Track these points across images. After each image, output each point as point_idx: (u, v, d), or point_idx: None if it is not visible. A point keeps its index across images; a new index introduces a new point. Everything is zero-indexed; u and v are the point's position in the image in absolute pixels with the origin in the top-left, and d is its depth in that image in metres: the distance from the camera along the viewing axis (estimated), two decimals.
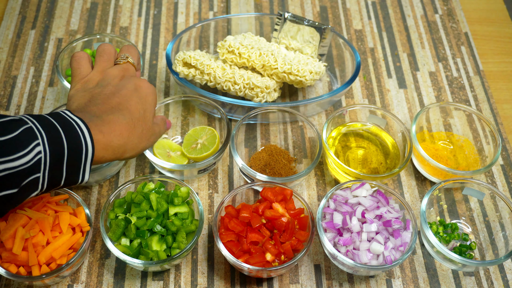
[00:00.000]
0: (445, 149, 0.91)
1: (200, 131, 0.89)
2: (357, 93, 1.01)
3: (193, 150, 0.87)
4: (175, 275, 0.78)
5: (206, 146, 0.87)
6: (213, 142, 0.87)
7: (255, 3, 1.15)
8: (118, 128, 0.61)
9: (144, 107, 0.66)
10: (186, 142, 0.88)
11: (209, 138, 0.87)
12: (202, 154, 0.85)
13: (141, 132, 0.65)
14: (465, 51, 1.08)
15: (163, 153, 0.87)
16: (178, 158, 0.87)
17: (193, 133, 0.89)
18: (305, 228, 0.77)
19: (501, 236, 0.81)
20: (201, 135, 0.88)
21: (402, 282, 0.79)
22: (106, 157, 0.61)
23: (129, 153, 0.64)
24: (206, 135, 0.88)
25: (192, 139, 0.88)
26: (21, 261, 0.70)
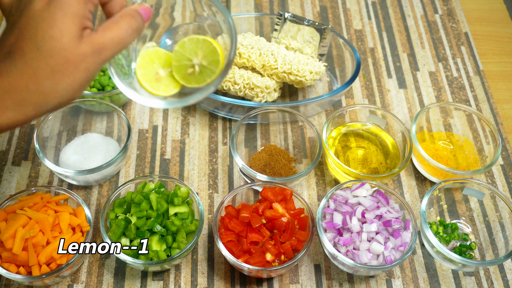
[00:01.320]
0: (445, 149, 0.91)
1: (192, 44, 0.59)
2: (357, 93, 1.01)
3: (191, 76, 0.59)
4: (175, 275, 0.78)
5: (207, 68, 0.59)
6: (215, 59, 0.58)
7: (255, 3, 1.15)
8: (9, 81, 0.46)
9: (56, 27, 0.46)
10: (177, 63, 0.60)
11: (207, 54, 0.59)
12: (206, 81, 0.58)
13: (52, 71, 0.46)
14: (465, 51, 1.08)
15: (149, 74, 0.59)
16: (169, 81, 0.60)
17: (182, 49, 0.59)
18: (305, 228, 0.77)
19: (501, 236, 0.81)
20: (195, 51, 0.59)
21: (402, 282, 0.79)
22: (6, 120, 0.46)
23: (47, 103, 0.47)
24: (202, 50, 0.59)
25: (183, 58, 0.60)
26: (21, 261, 0.70)
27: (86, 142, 0.88)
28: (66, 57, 0.46)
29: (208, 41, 0.58)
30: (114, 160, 0.81)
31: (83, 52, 0.46)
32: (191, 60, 0.59)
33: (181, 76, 0.60)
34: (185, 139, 0.93)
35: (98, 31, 0.48)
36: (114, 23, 0.49)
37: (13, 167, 0.88)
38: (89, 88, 0.91)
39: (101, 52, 0.48)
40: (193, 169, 0.89)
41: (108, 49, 0.48)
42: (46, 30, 0.45)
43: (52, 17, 0.46)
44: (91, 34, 0.47)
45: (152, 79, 0.59)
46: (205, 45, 0.58)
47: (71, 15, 0.46)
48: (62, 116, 0.88)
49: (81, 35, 0.47)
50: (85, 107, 0.90)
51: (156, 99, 0.57)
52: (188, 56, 0.59)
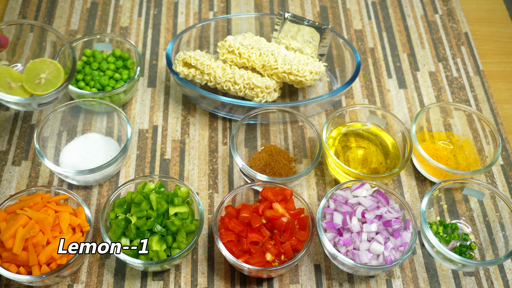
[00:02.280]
0: (445, 149, 0.91)
1: (41, 64, 0.81)
2: (357, 93, 1.01)
3: (38, 86, 0.79)
4: (175, 275, 0.78)
5: (51, 81, 0.79)
6: (57, 76, 0.80)
7: (255, 3, 1.15)
8: None
9: None
10: (27, 77, 0.79)
11: (52, 72, 0.80)
12: (49, 90, 0.78)
13: None
14: (465, 51, 1.08)
15: (3, 83, 0.78)
16: (20, 90, 0.78)
17: (32, 67, 0.80)
18: (305, 228, 0.77)
19: (501, 236, 0.81)
20: (42, 69, 0.80)
21: (402, 282, 0.79)
22: None
23: None
24: (48, 69, 0.80)
25: (33, 73, 0.80)
26: (21, 261, 0.70)
27: (86, 142, 0.88)
28: None
29: (53, 63, 0.81)
30: (114, 160, 0.81)
31: None
32: (39, 75, 0.80)
33: (30, 85, 0.79)
34: (185, 139, 0.93)
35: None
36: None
37: (13, 167, 0.88)
38: (89, 88, 0.91)
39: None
40: (193, 169, 0.89)
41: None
42: None
43: None
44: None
45: (5, 87, 0.78)
46: (52, 65, 0.81)
47: None
48: (62, 116, 0.88)
49: None
50: (85, 107, 0.90)
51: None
52: (37, 72, 0.80)
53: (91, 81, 0.92)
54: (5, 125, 0.93)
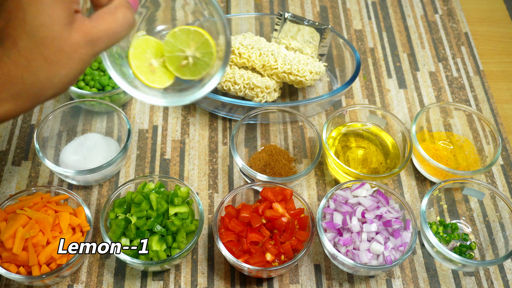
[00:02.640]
0: (445, 149, 0.91)
1: (183, 35, 0.56)
2: (357, 93, 1.01)
3: (185, 68, 0.57)
4: (175, 275, 0.78)
5: (202, 61, 0.57)
6: (208, 51, 0.56)
7: (255, 3, 1.15)
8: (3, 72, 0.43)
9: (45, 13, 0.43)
10: (170, 54, 0.57)
11: (200, 46, 0.56)
12: (201, 73, 0.57)
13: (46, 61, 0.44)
14: (465, 51, 1.08)
15: (143, 67, 0.56)
16: (163, 75, 0.58)
17: (174, 39, 0.57)
18: (305, 228, 0.77)
19: (501, 236, 0.81)
20: (187, 42, 0.56)
21: (402, 282, 0.79)
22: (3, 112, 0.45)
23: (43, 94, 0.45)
24: (194, 42, 0.56)
25: (175, 48, 0.57)
26: (21, 261, 0.70)
27: (86, 142, 0.88)
28: (59, 47, 0.44)
29: (199, 32, 0.55)
30: (114, 160, 0.81)
31: (76, 41, 0.44)
32: (184, 51, 0.56)
33: (175, 67, 0.57)
34: (185, 139, 0.93)
35: (92, 20, 0.45)
36: (110, 14, 0.46)
37: (13, 167, 0.88)
38: (89, 88, 0.91)
39: (95, 43, 0.45)
40: (193, 169, 0.89)
41: (102, 41, 0.46)
42: (36, 17, 0.43)
43: (40, 2, 0.43)
44: (84, 22, 0.45)
45: (146, 70, 0.56)
46: (197, 36, 0.56)
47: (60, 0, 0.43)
48: (62, 116, 0.88)
49: (71, 21, 0.44)
50: (85, 107, 0.90)
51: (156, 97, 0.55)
52: (181, 47, 0.56)
53: (91, 81, 0.92)
54: (5, 125, 0.93)
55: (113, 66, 0.53)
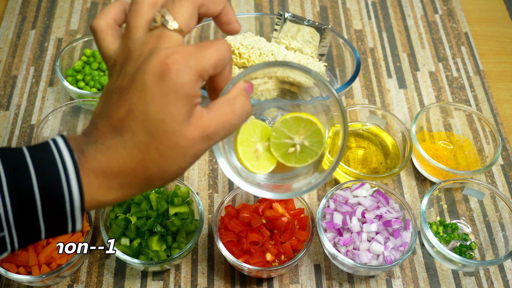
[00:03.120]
0: (445, 149, 0.91)
1: (295, 122, 0.54)
2: (357, 93, 1.01)
3: (291, 155, 0.54)
4: (175, 275, 0.78)
5: (310, 149, 0.54)
6: (318, 140, 0.54)
7: (255, 3, 1.15)
8: (118, 163, 0.43)
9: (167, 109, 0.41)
10: (277, 140, 0.55)
11: (311, 135, 0.54)
12: (307, 161, 0.54)
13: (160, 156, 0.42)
14: (465, 51, 1.08)
15: (249, 153, 0.54)
16: (266, 161, 0.55)
17: (283, 127, 0.54)
18: (305, 228, 0.77)
19: (501, 236, 0.81)
20: (297, 131, 0.54)
21: (402, 282, 0.79)
22: (111, 199, 0.44)
23: (151, 184, 0.45)
24: (304, 130, 0.54)
25: (283, 135, 0.55)
26: (21, 261, 0.70)
27: None
28: (175, 143, 0.42)
29: (312, 121, 0.53)
30: None
31: (192, 137, 0.43)
32: (293, 139, 0.54)
33: (280, 154, 0.55)
34: None
35: (210, 112, 0.44)
36: (229, 104, 0.45)
37: None
38: (89, 88, 0.91)
39: (211, 137, 0.44)
40: (193, 169, 0.89)
41: (219, 135, 0.44)
42: (157, 113, 0.41)
43: (164, 98, 0.41)
44: (202, 115, 0.43)
45: (252, 157, 0.54)
46: (309, 125, 0.53)
47: (184, 96, 0.41)
48: (62, 116, 0.88)
49: (190, 115, 0.43)
50: (85, 107, 0.90)
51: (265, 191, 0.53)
52: (289, 135, 0.54)
53: (91, 81, 0.92)
54: (5, 125, 0.93)
55: (222, 155, 0.52)
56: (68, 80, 0.92)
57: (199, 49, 0.43)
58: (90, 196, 0.42)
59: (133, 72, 0.42)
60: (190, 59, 0.42)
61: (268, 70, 0.52)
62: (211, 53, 0.43)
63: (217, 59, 0.44)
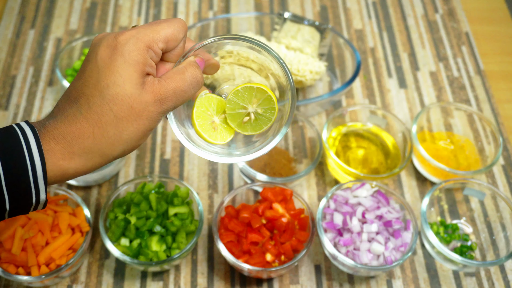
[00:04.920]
0: (446, 149, 0.91)
1: (246, 92, 0.57)
2: (357, 93, 1.01)
3: (247, 124, 0.57)
4: (175, 275, 0.78)
5: (264, 116, 0.57)
6: (270, 107, 0.57)
7: (255, 3, 1.15)
8: (76, 127, 0.46)
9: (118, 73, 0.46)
10: (232, 111, 0.58)
11: (263, 102, 0.57)
12: (262, 128, 0.57)
13: (116, 117, 0.47)
14: (465, 51, 1.08)
15: (206, 125, 0.58)
16: (224, 131, 0.58)
17: (236, 97, 0.57)
18: (305, 228, 0.77)
19: (502, 237, 0.81)
20: (250, 100, 0.57)
21: (403, 282, 0.79)
22: (74, 166, 0.47)
23: (112, 150, 0.48)
24: (256, 98, 0.57)
25: (237, 106, 0.57)
26: (20, 261, 0.70)
27: None
28: (129, 104, 0.46)
29: (262, 89, 0.57)
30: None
31: (145, 100, 0.47)
32: (246, 108, 0.57)
33: (236, 124, 0.58)
34: None
35: (161, 80, 0.48)
36: (179, 73, 0.49)
37: None
38: None
39: (163, 102, 0.48)
40: (192, 169, 0.89)
41: (170, 100, 0.49)
42: (109, 76, 0.46)
43: (114, 64, 0.46)
44: (154, 83, 0.48)
45: (209, 129, 0.58)
46: (260, 93, 0.57)
47: (134, 63, 0.47)
48: None
49: (143, 82, 0.47)
50: None
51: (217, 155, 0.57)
52: (243, 104, 0.57)
53: None
54: (4, 125, 0.92)
55: (178, 126, 0.55)
56: (68, 80, 0.92)
57: (149, 25, 0.49)
58: (52, 162, 0.45)
59: (89, 53, 0.49)
60: (138, 32, 0.48)
61: (218, 43, 0.55)
62: (162, 27, 0.48)
63: (169, 33, 0.49)
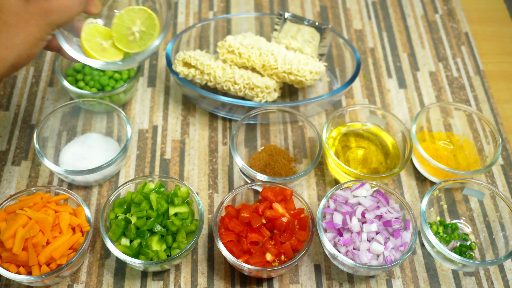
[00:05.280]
0: (445, 149, 0.91)
1: (129, 14, 0.70)
2: (357, 93, 1.01)
3: (133, 43, 0.69)
4: (175, 275, 0.78)
5: (147, 33, 0.69)
6: (152, 25, 0.69)
7: (255, 3, 1.15)
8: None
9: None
10: (118, 33, 0.70)
11: (145, 21, 0.69)
12: (147, 44, 0.68)
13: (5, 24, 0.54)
14: (465, 51, 1.08)
15: (94, 45, 0.67)
16: (113, 50, 0.69)
17: (121, 21, 0.69)
18: (305, 228, 0.77)
19: (501, 236, 0.81)
20: (133, 21, 0.69)
21: (402, 282, 0.79)
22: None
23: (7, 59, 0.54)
24: (139, 19, 0.69)
25: (123, 28, 0.69)
26: (21, 261, 0.70)
27: (86, 142, 0.88)
28: (16, 13, 0.53)
29: (143, 9, 0.69)
30: (114, 160, 0.81)
31: (31, 10, 0.54)
32: (130, 29, 0.69)
33: (124, 44, 0.69)
34: (185, 139, 0.93)
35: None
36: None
37: (13, 167, 0.88)
38: (88, 88, 0.91)
39: (49, 14, 0.55)
40: (193, 169, 0.89)
41: (56, 13, 0.55)
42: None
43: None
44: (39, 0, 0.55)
45: (98, 49, 0.67)
46: (141, 13, 0.69)
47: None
48: (62, 116, 0.88)
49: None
50: (85, 107, 0.90)
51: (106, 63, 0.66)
52: (128, 26, 0.69)
53: (90, 81, 0.92)
54: (5, 125, 0.93)
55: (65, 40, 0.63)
56: (68, 80, 0.92)
57: None
58: None
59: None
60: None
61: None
62: None
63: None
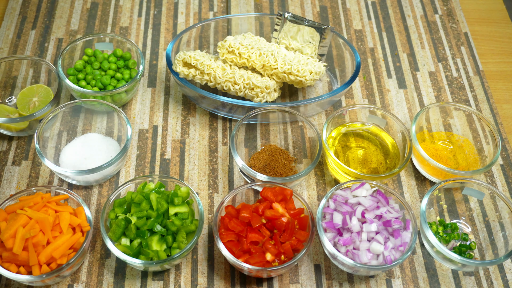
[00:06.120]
0: (445, 149, 0.91)
1: (29, 91, 0.93)
2: (357, 93, 1.01)
3: (33, 109, 0.90)
4: (175, 275, 0.79)
5: (44, 101, 0.91)
6: (47, 95, 0.92)
7: (255, 3, 1.15)
8: None
9: None
10: (21, 105, 0.91)
11: (42, 94, 0.92)
12: (43, 107, 0.88)
13: None
14: (465, 51, 1.08)
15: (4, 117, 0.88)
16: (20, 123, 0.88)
17: (23, 96, 0.92)
18: (305, 228, 0.77)
19: (500, 236, 0.81)
20: (32, 95, 0.92)
21: (402, 282, 0.79)
22: None
23: None
24: (37, 93, 0.92)
25: (25, 101, 0.92)
26: (21, 261, 0.71)
27: (86, 142, 0.88)
28: None
29: (40, 86, 0.92)
30: (114, 160, 0.81)
31: None
32: (31, 99, 0.91)
33: (26, 111, 0.89)
34: (185, 139, 0.93)
35: None
36: None
37: (13, 167, 0.88)
38: (90, 88, 0.91)
39: None
40: (193, 169, 0.89)
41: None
42: None
43: None
44: None
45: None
46: (39, 88, 0.92)
47: None
48: (62, 116, 0.88)
49: None
50: (85, 106, 0.90)
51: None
52: (28, 99, 0.91)
53: (92, 80, 0.92)
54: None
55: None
56: (70, 79, 0.92)
57: None
58: None
59: None
60: None
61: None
62: None
63: None
